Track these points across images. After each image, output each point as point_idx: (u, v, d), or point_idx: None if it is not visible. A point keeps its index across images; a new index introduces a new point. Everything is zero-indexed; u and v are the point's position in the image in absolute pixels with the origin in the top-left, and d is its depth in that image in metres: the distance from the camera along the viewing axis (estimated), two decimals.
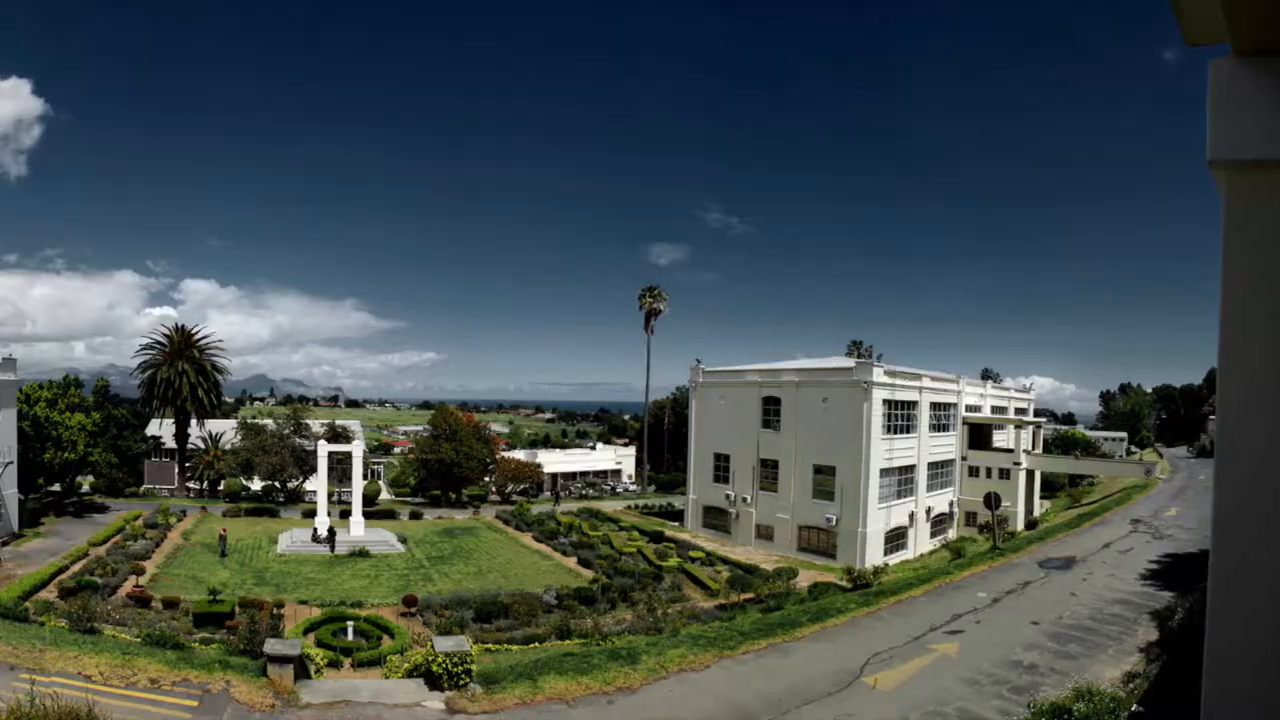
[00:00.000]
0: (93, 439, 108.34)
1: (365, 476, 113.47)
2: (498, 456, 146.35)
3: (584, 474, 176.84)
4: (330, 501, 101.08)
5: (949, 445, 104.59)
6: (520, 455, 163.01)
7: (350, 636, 53.99)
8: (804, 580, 71.34)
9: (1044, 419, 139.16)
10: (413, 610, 63.75)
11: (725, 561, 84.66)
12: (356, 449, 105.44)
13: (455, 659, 37.09)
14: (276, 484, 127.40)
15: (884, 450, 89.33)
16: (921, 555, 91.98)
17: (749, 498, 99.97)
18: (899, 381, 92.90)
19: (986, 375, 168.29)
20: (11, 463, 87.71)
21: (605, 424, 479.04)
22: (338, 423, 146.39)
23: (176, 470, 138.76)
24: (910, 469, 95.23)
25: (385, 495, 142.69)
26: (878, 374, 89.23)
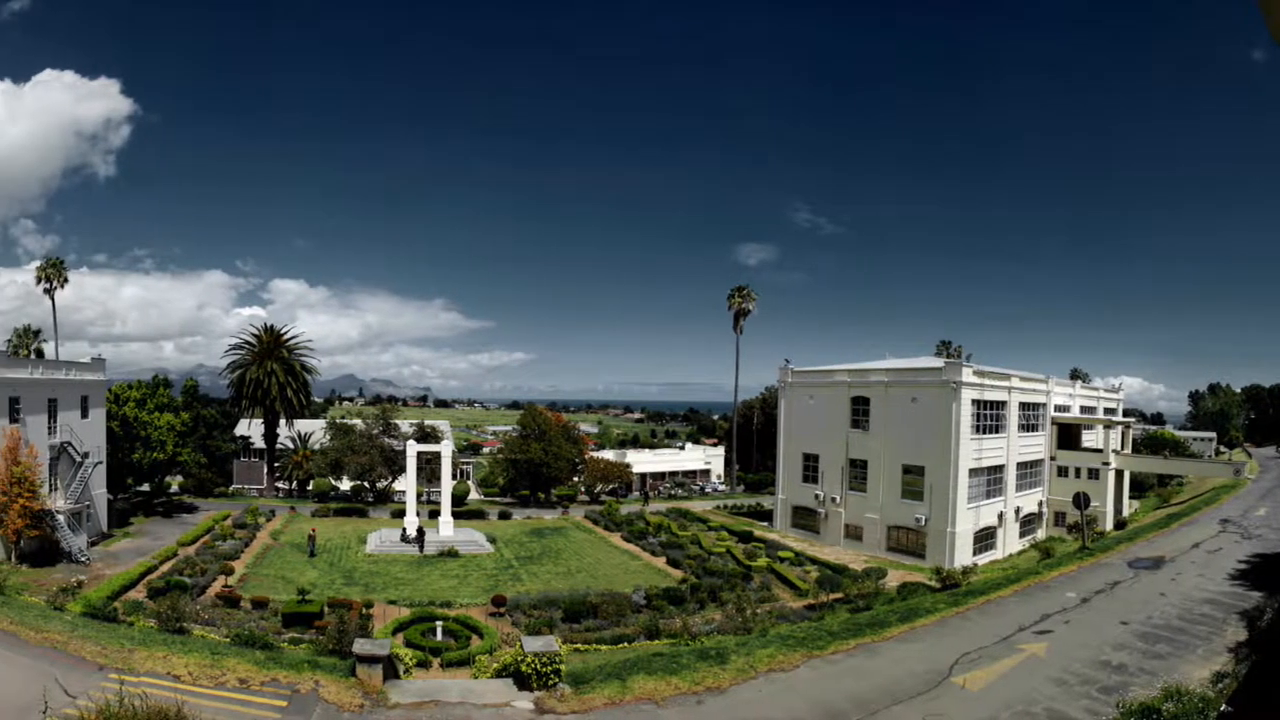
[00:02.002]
0: (182, 439, 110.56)
1: (454, 476, 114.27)
2: (586, 456, 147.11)
3: (673, 474, 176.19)
4: (419, 501, 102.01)
5: (1038, 445, 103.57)
6: (609, 455, 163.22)
7: (439, 636, 54.63)
8: (893, 580, 71.59)
9: (1132, 419, 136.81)
10: (501, 610, 64.26)
11: (814, 561, 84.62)
12: (445, 449, 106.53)
13: (544, 659, 37.10)
14: (365, 484, 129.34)
15: (973, 450, 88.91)
16: (1010, 555, 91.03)
17: (838, 498, 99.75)
18: (988, 381, 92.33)
19: (1075, 375, 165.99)
20: (101, 463, 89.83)
21: (694, 424, 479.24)
22: (426, 423, 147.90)
23: (265, 470, 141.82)
24: (999, 469, 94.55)
25: (474, 495, 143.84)
26: (967, 374, 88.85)
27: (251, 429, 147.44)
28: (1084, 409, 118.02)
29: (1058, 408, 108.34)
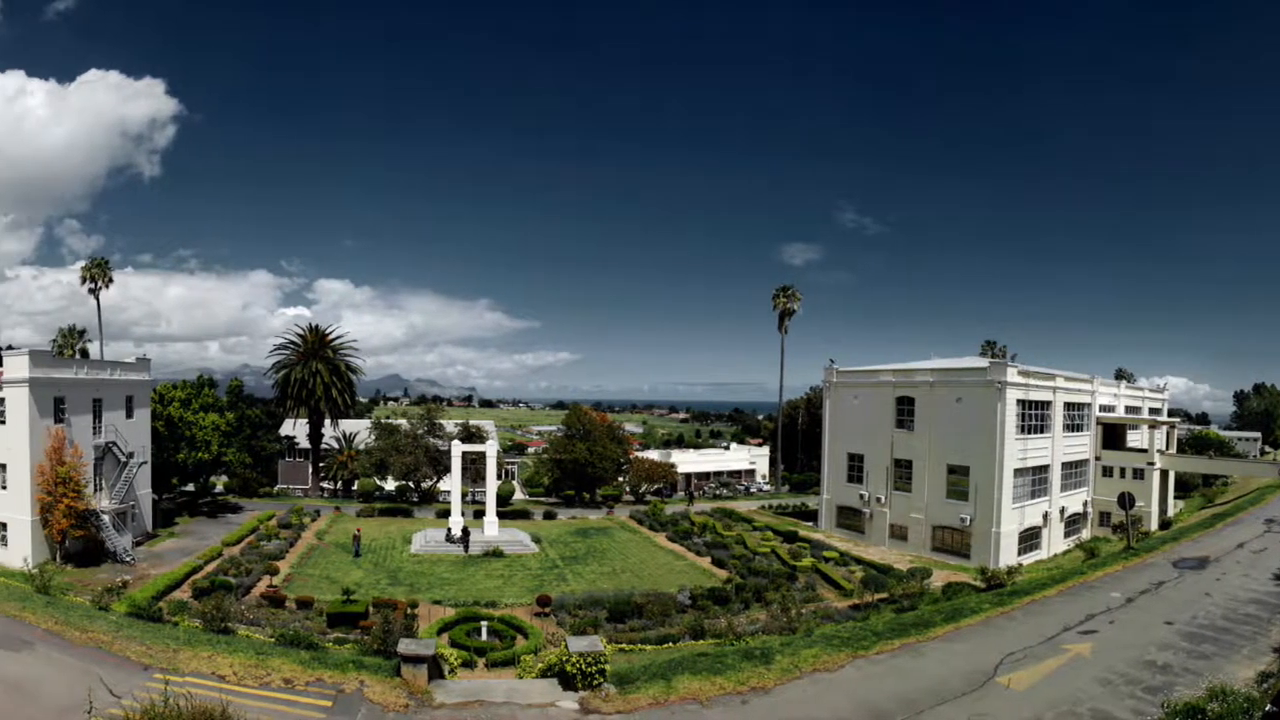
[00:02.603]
0: (226, 439, 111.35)
1: (499, 476, 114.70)
2: (631, 456, 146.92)
3: (718, 474, 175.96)
4: (464, 501, 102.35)
5: (1083, 445, 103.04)
6: (654, 455, 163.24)
7: (484, 636, 54.73)
8: (938, 580, 71.29)
9: (1177, 419, 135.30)
10: (546, 610, 64.26)
11: (859, 561, 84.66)
12: (490, 449, 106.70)
13: (589, 659, 37.03)
14: (410, 484, 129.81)
15: (1018, 450, 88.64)
16: (1055, 555, 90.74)
17: (883, 498, 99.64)
18: (1033, 381, 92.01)
19: (1120, 375, 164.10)
20: (146, 463, 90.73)
21: (739, 424, 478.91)
22: (471, 423, 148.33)
23: (310, 470, 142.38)
24: (1044, 469, 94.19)
25: (519, 495, 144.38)
26: (1011, 374, 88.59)
27: (296, 429, 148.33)
28: (1129, 409, 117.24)
29: (1103, 408, 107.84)
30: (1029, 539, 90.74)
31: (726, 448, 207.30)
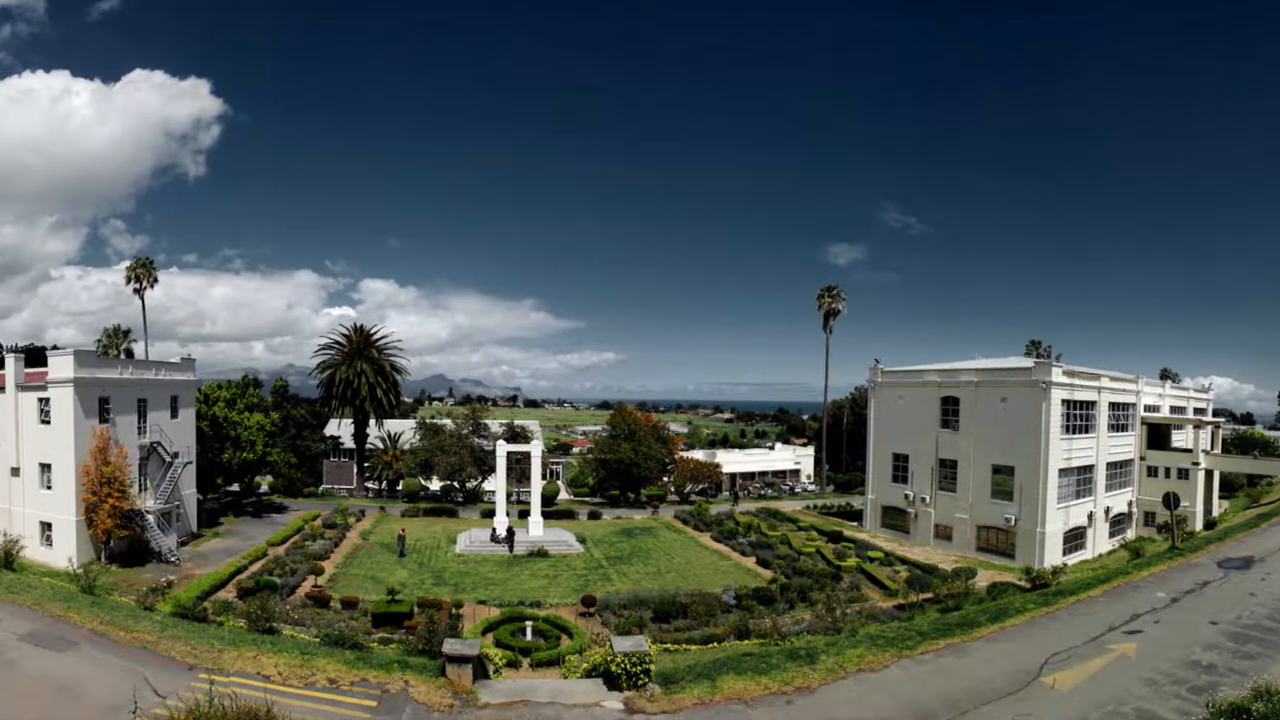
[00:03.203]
0: (271, 439, 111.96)
1: (544, 476, 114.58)
2: (676, 456, 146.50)
3: (762, 474, 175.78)
4: (509, 501, 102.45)
5: (1127, 445, 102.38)
6: (699, 455, 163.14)
7: (529, 636, 54.79)
8: (982, 580, 71.06)
9: (1222, 419, 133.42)
10: (591, 610, 64.26)
11: (904, 561, 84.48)
12: (535, 449, 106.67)
13: (634, 659, 37.05)
14: (455, 484, 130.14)
15: (1062, 450, 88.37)
16: (1100, 555, 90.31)
17: (927, 498, 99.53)
18: (1077, 381, 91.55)
19: (1165, 375, 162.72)
20: (190, 463, 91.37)
21: (783, 424, 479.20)
22: (516, 423, 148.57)
23: (355, 470, 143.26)
24: (1089, 469, 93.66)
25: (564, 495, 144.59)
26: (1056, 374, 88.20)
27: (341, 429, 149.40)
28: (1173, 409, 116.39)
29: (1147, 408, 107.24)
30: (1074, 539, 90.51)
31: (771, 448, 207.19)
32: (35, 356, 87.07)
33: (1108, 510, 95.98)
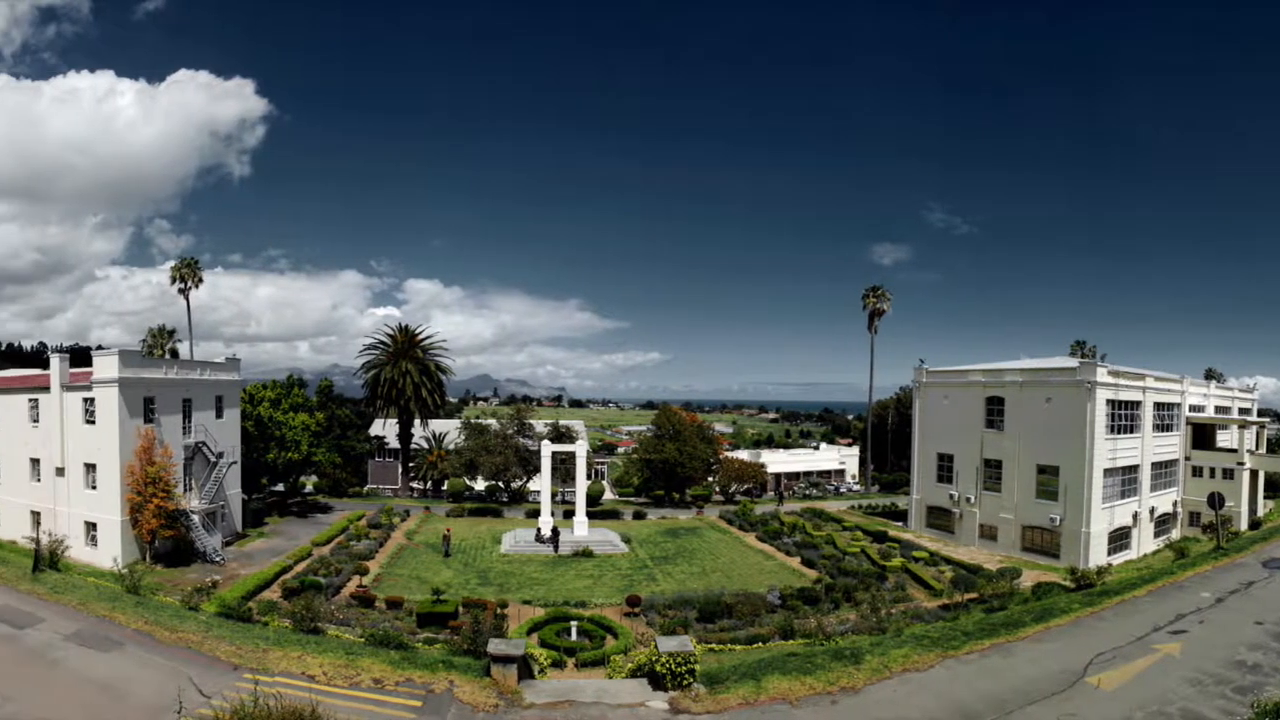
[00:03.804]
0: (316, 439, 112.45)
1: (589, 476, 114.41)
2: (721, 456, 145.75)
3: (807, 474, 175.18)
4: (554, 501, 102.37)
5: (1172, 445, 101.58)
6: (744, 455, 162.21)
7: (574, 636, 54.62)
8: (1027, 580, 70.98)
9: (1267, 419, 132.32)
10: (636, 610, 64.02)
11: (948, 561, 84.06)
12: (580, 449, 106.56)
13: (679, 659, 37.27)
14: (500, 484, 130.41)
15: (1107, 450, 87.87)
16: (1144, 555, 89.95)
17: (972, 497, 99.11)
18: (1122, 381, 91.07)
19: (1210, 375, 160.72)
20: (235, 463, 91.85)
21: (828, 424, 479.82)
22: (561, 423, 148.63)
23: (400, 470, 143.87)
24: (1133, 469, 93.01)
25: (609, 495, 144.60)
26: (1101, 374, 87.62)
27: (386, 429, 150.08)
28: (1218, 409, 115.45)
29: (1192, 408, 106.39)
30: (1118, 539, 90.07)
31: (816, 448, 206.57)
32: (80, 356, 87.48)
33: (1152, 510, 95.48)
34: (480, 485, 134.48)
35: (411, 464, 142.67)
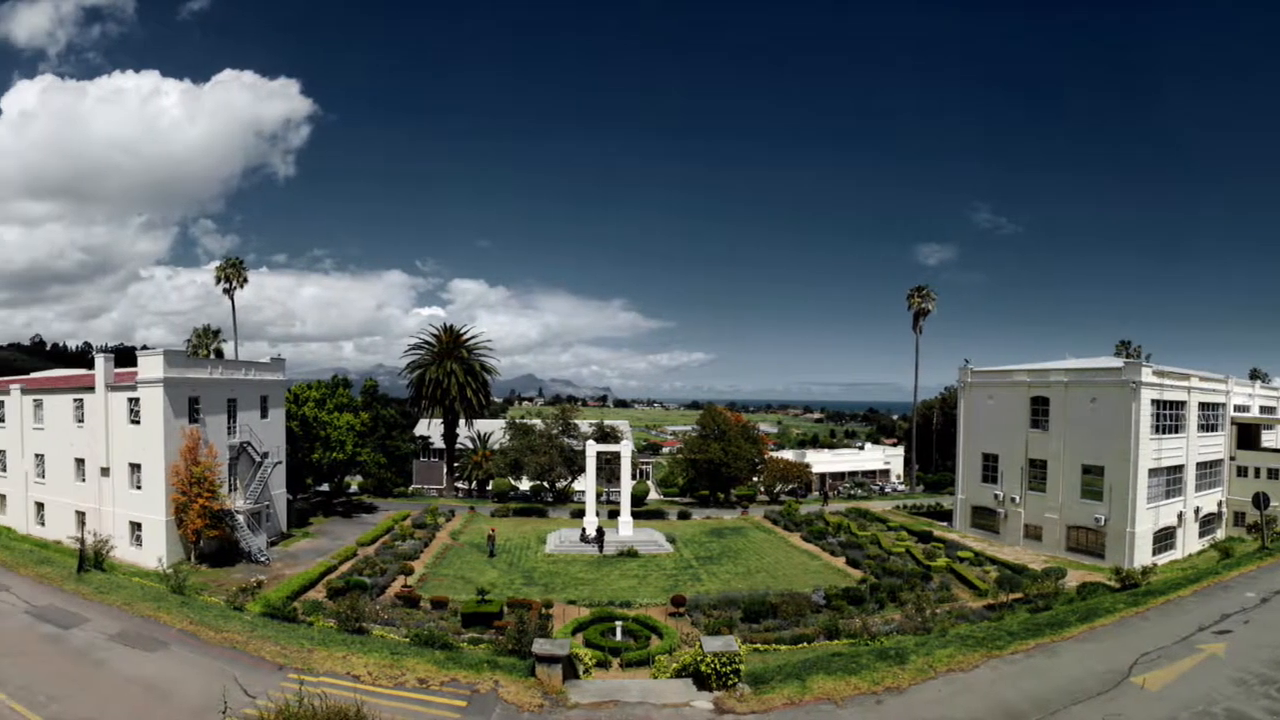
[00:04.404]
0: (361, 439, 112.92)
1: (633, 476, 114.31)
2: (766, 456, 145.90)
3: (852, 474, 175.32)
4: (598, 501, 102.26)
5: (1217, 445, 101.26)
6: (788, 455, 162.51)
7: (618, 636, 54.53)
8: (1072, 580, 70.74)
9: None
10: (681, 610, 63.88)
11: (993, 561, 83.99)
12: (625, 449, 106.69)
13: (723, 659, 37.22)
14: (544, 484, 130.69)
15: (1152, 450, 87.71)
16: (1189, 555, 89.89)
17: (1017, 497, 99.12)
18: (1167, 381, 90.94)
19: (1255, 375, 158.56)
20: (280, 463, 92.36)
21: (873, 424, 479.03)
22: (606, 422, 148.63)
23: (444, 470, 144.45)
24: (1178, 469, 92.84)
25: (653, 495, 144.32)
26: (1146, 374, 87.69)
27: (431, 429, 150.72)
28: (1263, 409, 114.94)
29: (1237, 408, 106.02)
30: (1163, 539, 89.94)
31: (861, 448, 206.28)
32: (125, 357, 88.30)
33: (1197, 510, 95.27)
34: (525, 485, 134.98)
35: (456, 464, 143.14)
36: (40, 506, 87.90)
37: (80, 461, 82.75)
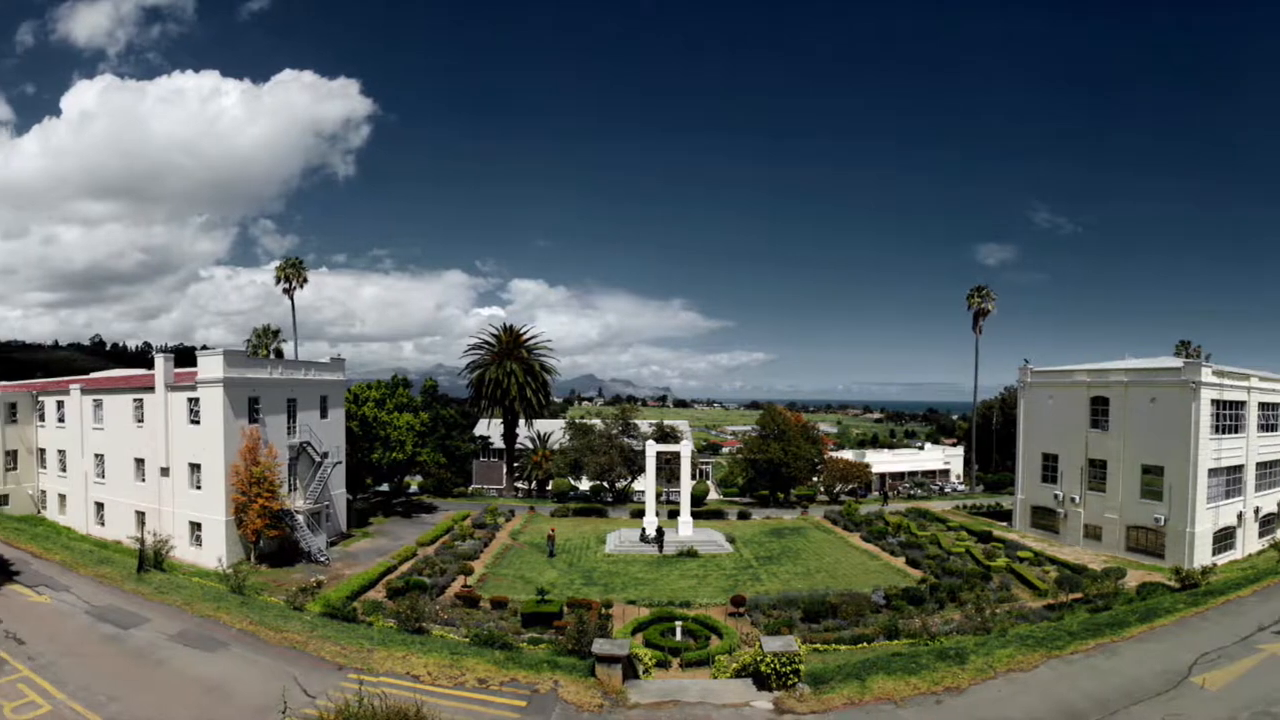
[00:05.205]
0: (421, 439, 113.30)
1: (693, 476, 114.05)
2: (825, 456, 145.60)
3: (912, 474, 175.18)
4: (658, 501, 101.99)
5: (1277, 445, 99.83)
6: (848, 455, 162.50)
7: (678, 636, 54.29)
8: (1132, 580, 70.36)
9: None
10: (740, 610, 63.63)
11: (1053, 561, 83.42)
12: (684, 449, 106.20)
13: (783, 659, 37.11)
14: (604, 484, 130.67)
15: (1212, 450, 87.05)
16: (1249, 555, 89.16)
17: (1077, 497, 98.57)
18: (1227, 381, 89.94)
19: None
20: (340, 463, 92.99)
21: (933, 424, 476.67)
22: (666, 422, 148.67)
23: (504, 470, 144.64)
24: (1238, 469, 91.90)
25: (713, 495, 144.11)
26: (1206, 374, 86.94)
27: (490, 429, 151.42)
28: None
29: None
30: (1223, 539, 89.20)
31: (921, 448, 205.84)
32: (184, 357, 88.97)
33: (1257, 510, 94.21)
34: (585, 485, 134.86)
35: (516, 464, 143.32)
36: (100, 506, 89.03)
37: (140, 462, 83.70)
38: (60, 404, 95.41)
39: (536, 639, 52.31)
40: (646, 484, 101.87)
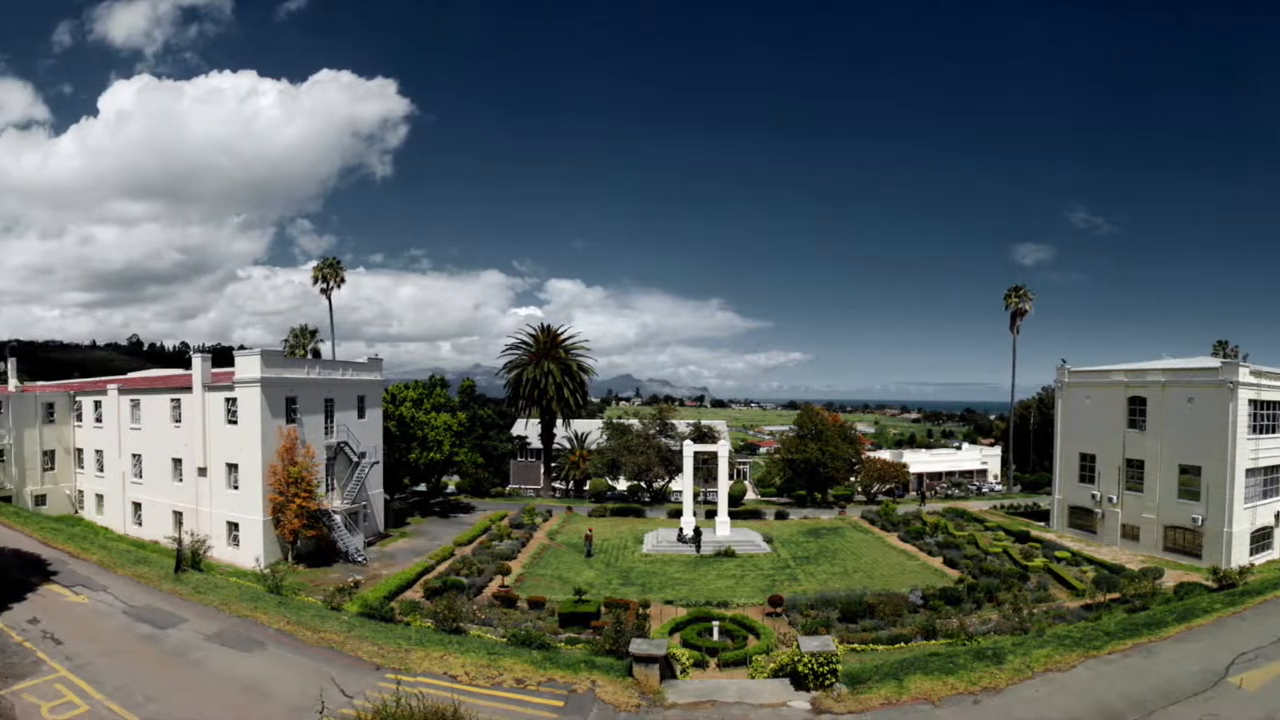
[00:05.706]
0: (458, 439, 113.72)
1: (731, 476, 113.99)
2: (863, 456, 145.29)
3: (949, 474, 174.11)
4: (696, 501, 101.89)
5: None
6: (886, 455, 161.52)
7: (715, 636, 54.35)
8: (1169, 580, 70.08)
9: None
10: (778, 610, 63.51)
11: (1090, 561, 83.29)
12: (722, 449, 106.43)
13: (821, 659, 36.95)
14: (642, 484, 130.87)
15: (1250, 450, 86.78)
16: None
17: (1114, 497, 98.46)
18: (1264, 381, 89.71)
19: None
20: (377, 463, 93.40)
21: (970, 424, 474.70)
22: (703, 423, 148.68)
23: (542, 470, 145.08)
24: (1275, 469, 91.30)
25: (750, 495, 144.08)
26: (1243, 374, 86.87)
27: (528, 429, 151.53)
28: None
29: None
30: (1260, 539, 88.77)
31: (958, 448, 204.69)
32: (222, 357, 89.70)
33: None
34: (622, 485, 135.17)
35: (554, 464, 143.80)
36: (137, 506, 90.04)
37: (177, 461, 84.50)
38: (98, 404, 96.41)
39: (574, 639, 52.35)
40: (684, 484, 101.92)
